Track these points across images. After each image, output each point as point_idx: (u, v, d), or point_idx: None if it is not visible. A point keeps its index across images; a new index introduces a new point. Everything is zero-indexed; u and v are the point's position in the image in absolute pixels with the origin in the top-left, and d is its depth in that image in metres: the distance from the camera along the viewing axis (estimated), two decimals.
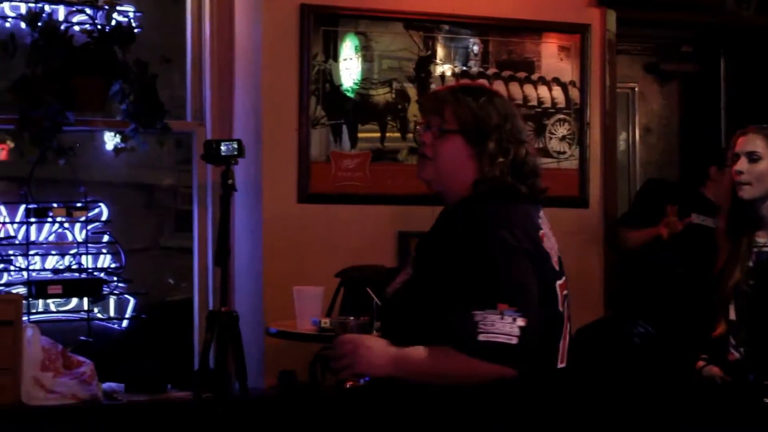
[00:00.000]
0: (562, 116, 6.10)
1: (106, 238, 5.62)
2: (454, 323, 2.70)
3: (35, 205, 5.42)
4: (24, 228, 5.46)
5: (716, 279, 4.11)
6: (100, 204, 5.60)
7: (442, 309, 2.73)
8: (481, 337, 2.66)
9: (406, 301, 2.83)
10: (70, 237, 5.55)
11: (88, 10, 5.51)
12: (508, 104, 2.97)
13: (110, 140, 5.68)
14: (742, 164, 4.18)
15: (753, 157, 4.16)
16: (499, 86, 5.95)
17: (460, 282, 2.72)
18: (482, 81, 5.63)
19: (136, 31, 5.55)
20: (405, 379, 2.75)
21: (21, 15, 5.39)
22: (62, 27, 5.40)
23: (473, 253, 2.73)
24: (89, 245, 5.57)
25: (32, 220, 5.44)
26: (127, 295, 5.65)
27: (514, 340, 2.66)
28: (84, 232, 5.56)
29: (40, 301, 5.44)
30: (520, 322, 2.67)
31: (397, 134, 5.80)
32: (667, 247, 5.64)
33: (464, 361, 2.67)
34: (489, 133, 2.88)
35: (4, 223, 5.42)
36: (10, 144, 5.68)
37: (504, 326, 2.66)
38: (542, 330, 2.75)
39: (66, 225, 5.54)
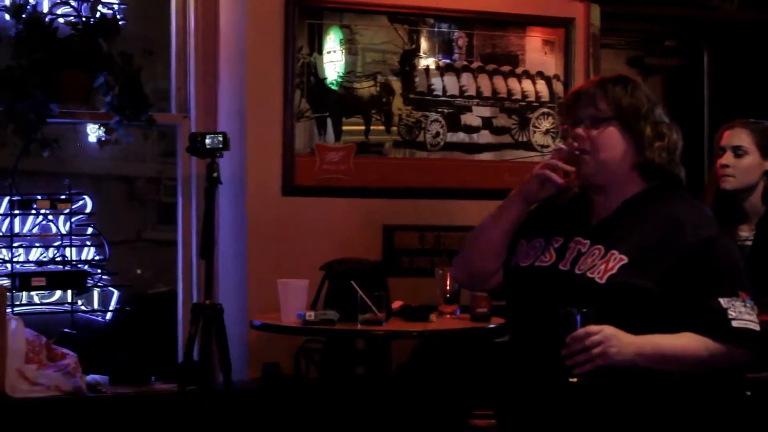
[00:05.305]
0: (546, 110, 6.11)
1: (90, 230, 5.60)
2: (702, 310, 2.81)
3: (19, 197, 5.41)
4: (8, 220, 5.44)
5: None
6: (84, 196, 5.58)
7: (671, 296, 2.82)
8: (735, 324, 2.80)
9: (632, 288, 2.83)
10: (54, 229, 5.54)
11: (73, 2, 5.50)
12: (651, 90, 3.06)
13: (94, 132, 5.66)
14: (728, 158, 4.22)
15: (738, 152, 4.20)
16: (483, 80, 5.98)
17: (696, 272, 2.82)
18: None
19: (120, 23, 5.54)
20: (644, 369, 2.79)
21: (5, 6, 5.36)
22: (47, 19, 5.38)
23: (710, 246, 2.86)
24: (73, 237, 5.56)
25: (16, 212, 5.42)
26: (110, 288, 5.64)
27: (758, 327, 2.84)
28: (68, 224, 5.54)
29: (24, 294, 5.43)
30: (755, 309, 2.86)
31: (382, 127, 5.81)
32: None
33: (718, 347, 2.80)
34: (644, 118, 2.96)
35: None
36: None
37: (750, 314, 2.83)
38: None
39: (50, 217, 5.52)
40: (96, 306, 5.62)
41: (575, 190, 3.06)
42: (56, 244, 5.53)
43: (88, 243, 5.61)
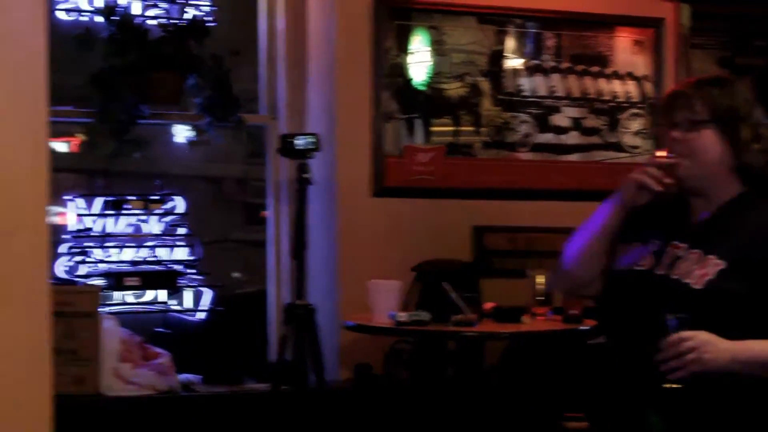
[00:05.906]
0: (636, 111, 6.07)
1: (182, 230, 5.63)
2: None
3: (113, 198, 5.46)
4: (101, 220, 5.50)
5: None
6: (176, 197, 5.62)
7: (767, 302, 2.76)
8: None
9: (729, 294, 2.79)
10: (145, 229, 5.58)
11: (163, 4, 5.55)
12: (749, 90, 2.97)
13: (183, 133, 5.71)
14: None
15: None
16: (572, 80, 5.95)
17: None
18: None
19: (210, 24, 5.59)
20: (740, 374, 2.75)
21: (97, 9, 5.43)
22: (137, 21, 5.44)
23: None
24: (165, 237, 5.60)
25: (110, 212, 5.47)
26: (202, 288, 5.67)
27: None
28: (160, 224, 5.59)
29: (116, 293, 5.48)
30: None
31: (471, 128, 5.80)
32: None
33: None
34: (742, 119, 2.89)
35: (81, 215, 5.46)
36: (84, 137, 5.73)
37: None
38: None
39: (142, 217, 5.57)
40: (187, 306, 5.65)
41: (672, 192, 3.02)
42: (149, 244, 5.57)
43: (180, 243, 5.64)
